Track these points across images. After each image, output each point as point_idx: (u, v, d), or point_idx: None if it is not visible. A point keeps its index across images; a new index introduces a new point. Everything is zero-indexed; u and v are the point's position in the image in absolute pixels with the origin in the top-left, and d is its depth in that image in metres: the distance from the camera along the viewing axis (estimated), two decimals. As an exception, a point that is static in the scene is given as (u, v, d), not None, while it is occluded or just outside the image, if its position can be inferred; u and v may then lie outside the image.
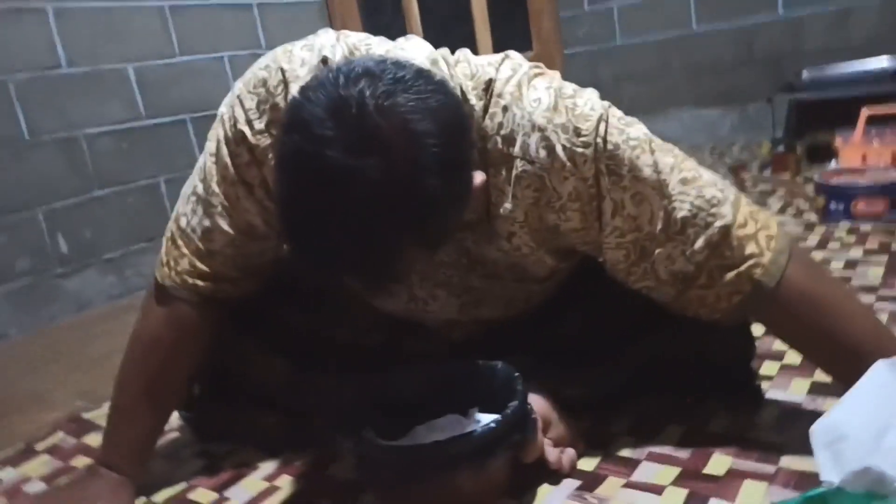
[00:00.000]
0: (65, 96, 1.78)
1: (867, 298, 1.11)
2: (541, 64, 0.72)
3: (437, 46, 0.72)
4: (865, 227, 1.46)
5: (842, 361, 0.67)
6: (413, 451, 0.66)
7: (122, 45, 1.90)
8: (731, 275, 0.68)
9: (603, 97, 0.70)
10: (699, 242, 0.67)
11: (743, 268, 0.67)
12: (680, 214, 0.67)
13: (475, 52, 0.80)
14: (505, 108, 0.67)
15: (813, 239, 1.45)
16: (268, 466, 0.88)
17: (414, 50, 0.69)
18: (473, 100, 0.67)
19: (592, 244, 0.71)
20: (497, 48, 2.61)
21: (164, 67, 1.99)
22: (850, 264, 1.27)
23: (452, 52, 0.72)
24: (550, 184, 0.67)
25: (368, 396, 0.79)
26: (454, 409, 0.79)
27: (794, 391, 0.86)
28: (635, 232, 0.68)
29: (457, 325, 0.85)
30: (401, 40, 0.72)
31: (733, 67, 2.66)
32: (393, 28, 2.56)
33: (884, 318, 1.03)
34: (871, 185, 1.49)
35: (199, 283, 0.78)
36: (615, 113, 0.68)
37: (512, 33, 2.89)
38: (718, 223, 0.67)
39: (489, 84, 0.68)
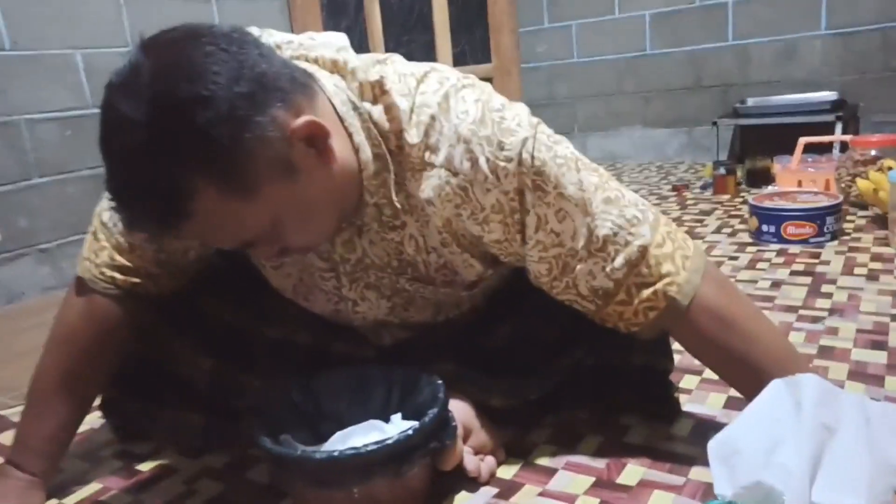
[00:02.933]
0: (6, 79, 1.72)
1: (788, 317, 1.15)
2: (471, 75, 0.73)
3: (397, 53, 0.73)
4: (794, 249, 1.53)
5: (747, 378, 0.70)
6: (328, 457, 0.66)
7: (71, 31, 1.85)
8: (647, 291, 0.70)
9: (558, 113, 0.71)
10: (619, 260, 0.69)
11: (659, 285, 0.70)
12: (601, 232, 0.69)
13: (434, 60, 0.81)
14: (432, 118, 0.67)
15: (744, 258, 1.50)
16: (188, 469, 0.86)
17: (325, 40, 0.70)
18: (400, 102, 0.67)
19: (515, 255, 0.72)
20: (457, 59, 2.64)
21: (115, 56, 1.94)
22: (776, 284, 1.32)
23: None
24: (474, 195, 0.68)
25: (289, 400, 0.79)
26: (375, 415, 0.80)
27: (711, 405, 0.89)
28: (558, 247, 0.69)
29: (386, 328, 0.85)
30: (318, 34, 0.73)
31: (683, 91, 2.74)
32: (354, 31, 2.55)
33: (801, 336, 1.08)
34: (800, 209, 1.55)
35: (118, 276, 0.77)
36: (544, 130, 0.69)
37: (472, 44, 2.91)
38: (637, 242, 0.69)
39: (413, 92, 0.68)
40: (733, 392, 0.90)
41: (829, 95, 2.34)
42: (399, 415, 0.79)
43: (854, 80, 2.39)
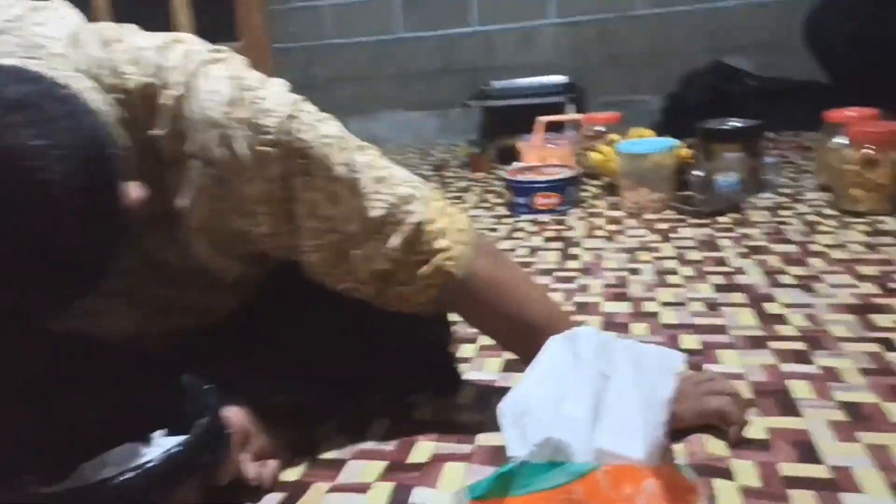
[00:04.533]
0: None
1: (546, 280, 1.25)
2: (222, 48, 0.64)
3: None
4: (544, 218, 1.66)
5: (524, 340, 0.72)
6: (70, 495, 0.54)
7: None
8: (425, 269, 0.68)
9: (317, 96, 0.65)
10: (395, 240, 0.67)
11: (436, 261, 0.69)
12: (375, 213, 0.66)
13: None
14: (178, 100, 0.58)
15: (503, 230, 1.60)
16: None
17: (55, 24, 0.57)
18: (135, 86, 0.58)
19: (287, 249, 0.66)
20: (200, 37, 2.41)
21: None
22: (533, 251, 1.42)
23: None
24: (234, 186, 0.60)
25: (19, 428, 0.64)
26: (135, 435, 0.68)
27: (490, 370, 0.92)
28: (332, 233, 0.65)
29: (145, 337, 0.73)
30: (41, 7, 0.59)
31: (436, 74, 2.84)
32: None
33: (560, 296, 1.16)
34: (546, 181, 1.69)
35: None
36: (307, 108, 0.64)
37: (217, 22, 2.69)
38: (412, 220, 0.67)
39: (156, 72, 0.59)
40: (508, 354, 0.94)
41: (561, 79, 2.60)
42: (164, 431, 0.68)
43: (581, 65, 2.68)
